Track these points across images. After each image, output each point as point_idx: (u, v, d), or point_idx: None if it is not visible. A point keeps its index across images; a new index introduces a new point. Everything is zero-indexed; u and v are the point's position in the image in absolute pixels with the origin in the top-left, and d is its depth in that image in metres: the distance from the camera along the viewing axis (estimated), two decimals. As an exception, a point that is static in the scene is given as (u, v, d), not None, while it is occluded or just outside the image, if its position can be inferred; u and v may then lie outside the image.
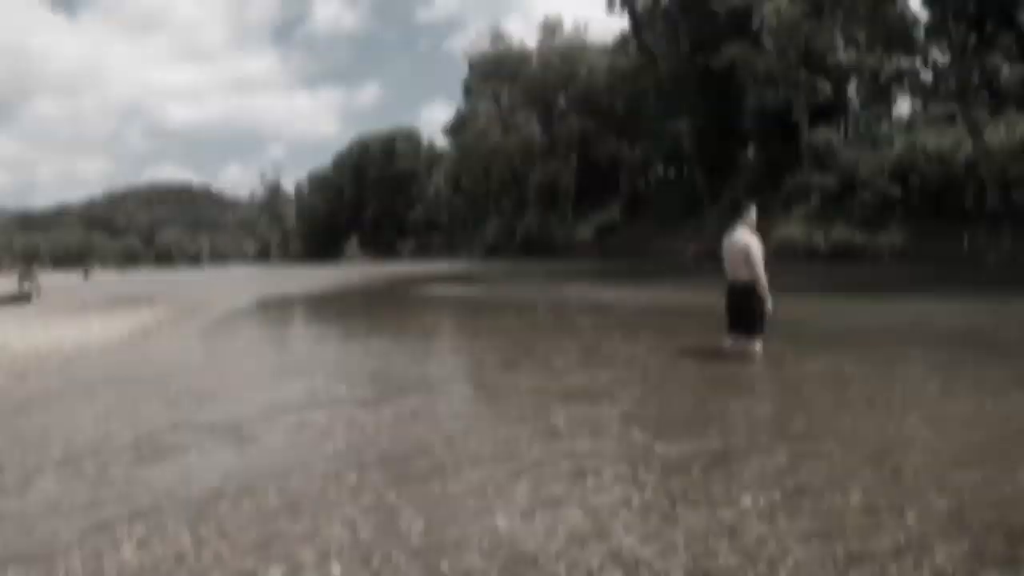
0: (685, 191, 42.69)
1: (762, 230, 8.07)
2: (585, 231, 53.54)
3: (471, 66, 74.43)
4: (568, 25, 68.36)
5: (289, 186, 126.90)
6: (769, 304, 7.50)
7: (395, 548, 3.22)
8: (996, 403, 5.53)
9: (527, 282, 27.91)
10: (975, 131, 28.36)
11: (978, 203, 28.87)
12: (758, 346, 7.57)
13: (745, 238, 7.48)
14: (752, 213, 7.73)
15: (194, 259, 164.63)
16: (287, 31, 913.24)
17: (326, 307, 20.92)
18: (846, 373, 6.90)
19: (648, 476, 4.03)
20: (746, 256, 7.41)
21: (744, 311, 7.58)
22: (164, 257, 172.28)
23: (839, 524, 3.31)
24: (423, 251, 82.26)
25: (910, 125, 33.81)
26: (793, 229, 33.69)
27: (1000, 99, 30.78)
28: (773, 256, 8.82)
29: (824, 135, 34.18)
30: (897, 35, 31.33)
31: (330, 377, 7.72)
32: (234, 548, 3.28)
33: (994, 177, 28.02)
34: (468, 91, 76.45)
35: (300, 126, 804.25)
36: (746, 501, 3.61)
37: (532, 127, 66.17)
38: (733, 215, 7.99)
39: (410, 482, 4.07)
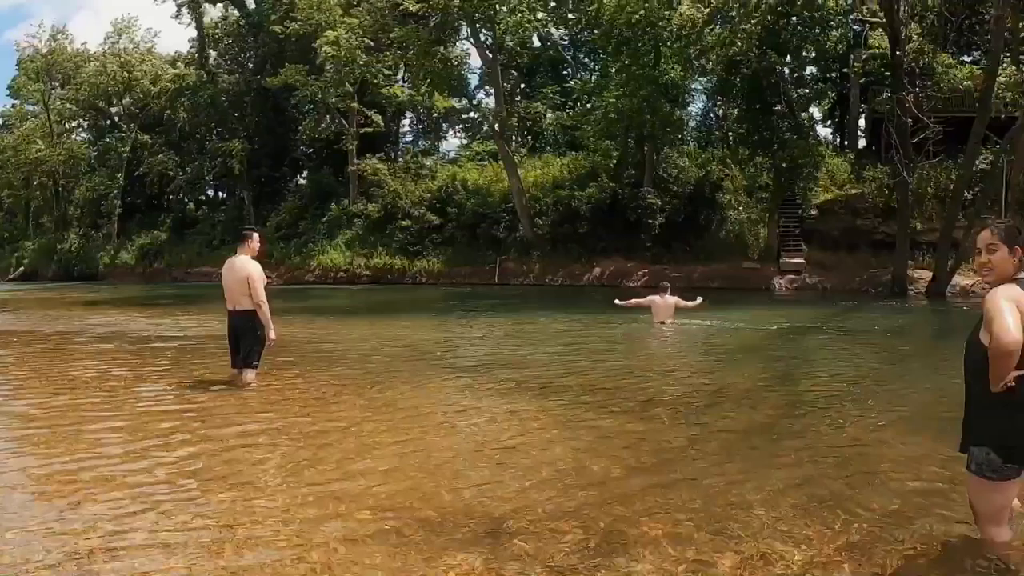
0: (233, 215, 39.78)
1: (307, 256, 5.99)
2: (129, 254, 47.12)
3: (20, 63, 62.80)
4: (141, 31, 61.30)
5: None
6: (272, 333, 7.29)
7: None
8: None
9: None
10: (512, 167, 30.30)
11: (509, 231, 30.78)
12: (252, 375, 7.36)
13: (247, 266, 7.18)
14: (255, 240, 7.45)
15: None
16: None
17: None
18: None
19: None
20: (247, 284, 7.11)
21: (245, 341, 7.31)
22: None
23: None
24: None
25: (454, 160, 35.38)
26: (336, 255, 33.13)
27: (539, 141, 34.04)
28: (317, 281, 9.98)
29: (372, 165, 34.14)
30: (448, 77, 32.72)
31: None
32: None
33: (525, 209, 30.10)
34: (14, 91, 64.30)
35: None
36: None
37: (80, 137, 57.38)
38: (237, 241, 7.74)
39: None
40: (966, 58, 29.60)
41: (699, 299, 13.80)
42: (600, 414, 6.45)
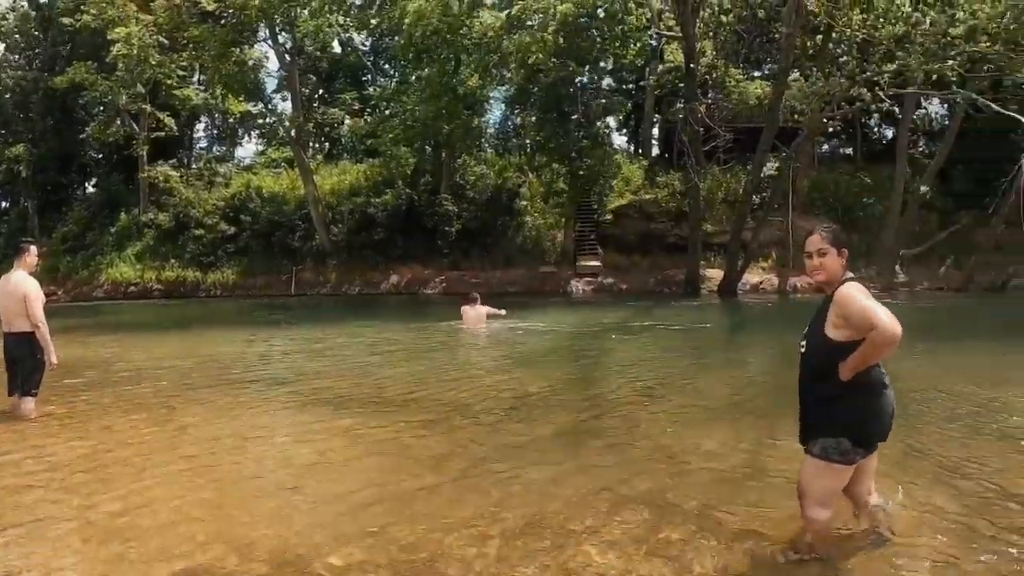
0: (16, 226, 36.08)
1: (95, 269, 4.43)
2: None
3: None
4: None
5: None
6: (53, 357, 6.58)
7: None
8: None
9: None
10: (307, 175, 28.81)
11: (305, 240, 29.21)
12: (31, 404, 6.61)
13: (24, 283, 6.48)
14: (32, 253, 6.72)
15: None
16: None
17: None
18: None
19: None
20: (24, 303, 6.39)
21: (23, 366, 6.57)
22: None
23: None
24: None
25: (250, 167, 33.46)
26: (126, 268, 30.45)
27: (337, 147, 32.67)
28: (107, 296, 8.69)
29: (164, 172, 31.71)
30: (244, 80, 30.92)
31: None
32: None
33: (321, 217, 28.63)
34: None
35: None
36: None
37: None
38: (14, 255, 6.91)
39: None
40: (756, 73, 30.66)
41: (503, 311, 14.40)
42: (403, 427, 6.16)
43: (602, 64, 28.89)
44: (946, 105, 32.13)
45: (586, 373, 9.82)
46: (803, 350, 3.41)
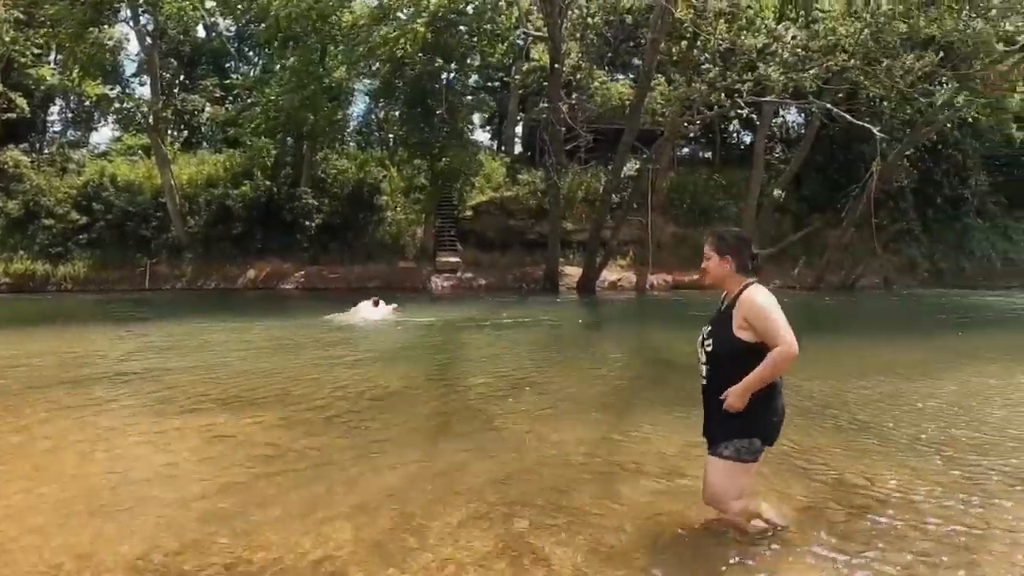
0: None
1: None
2: None
3: None
4: None
5: None
6: None
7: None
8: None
9: None
10: (164, 163, 27.81)
11: (160, 232, 28.18)
12: None
13: None
14: None
15: None
16: None
17: None
18: None
19: None
20: None
21: None
22: None
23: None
24: None
25: (104, 153, 32.06)
26: None
27: (196, 136, 31.69)
28: None
29: (14, 156, 30.04)
30: (101, 61, 29.60)
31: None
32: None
33: (177, 208, 27.69)
34: None
35: None
36: None
37: None
38: None
39: None
40: (620, 76, 31.22)
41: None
42: (259, 427, 6.05)
43: (469, 61, 28.91)
44: (803, 114, 33.51)
45: (446, 369, 9.95)
46: (708, 350, 3.51)
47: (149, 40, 29.67)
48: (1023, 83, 30.36)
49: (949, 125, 29.97)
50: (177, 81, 32.40)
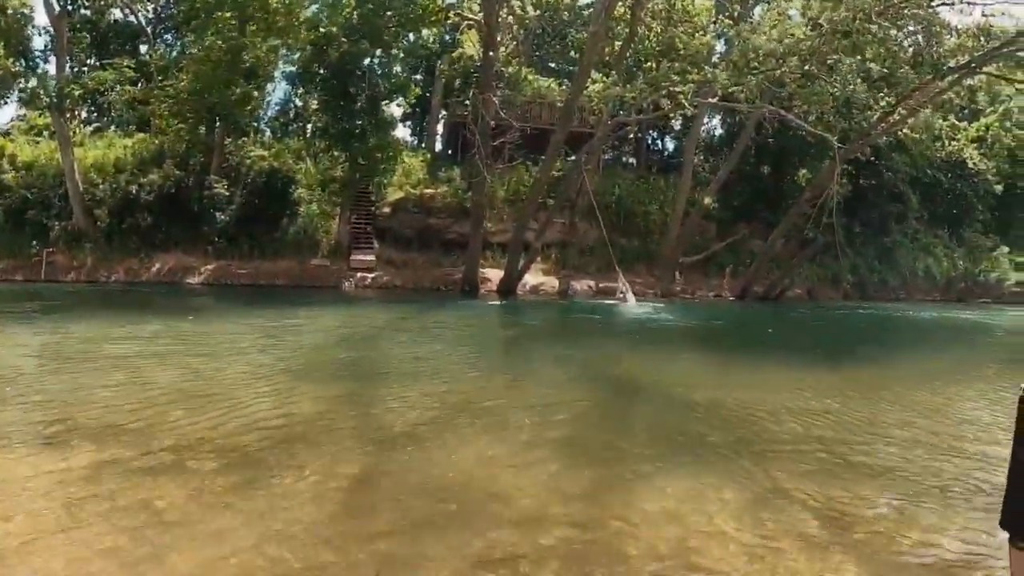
0: None
1: None
2: None
3: None
4: None
5: None
6: None
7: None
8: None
9: None
10: (66, 145, 26.32)
11: (60, 219, 26.66)
12: None
13: None
14: None
15: None
16: None
17: None
18: None
19: None
20: None
21: None
22: None
23: None
24: None
25: (6, 132, 30.35)
26: None
27: (106, 118, 30.33)
28: None
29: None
30: (6, 35, 27.95)
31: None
32: None
33: (79, 194, 26.24)
34: None
35: None
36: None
37: None
38: None
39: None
40: (547, 78, 30.76)
41: None
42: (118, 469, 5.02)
43: (395, 51, 28.04)
44: (728, 124, 33.50)
45: (363, 387, 8.92)
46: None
47: (57, 8, 28.05)
48: (949, 105, 30.87)
49: (882, 141, 30.25)
50: (88, 59, 30.81)
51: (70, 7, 28.93)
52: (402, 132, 35.71)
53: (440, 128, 34.09)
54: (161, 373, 8.80)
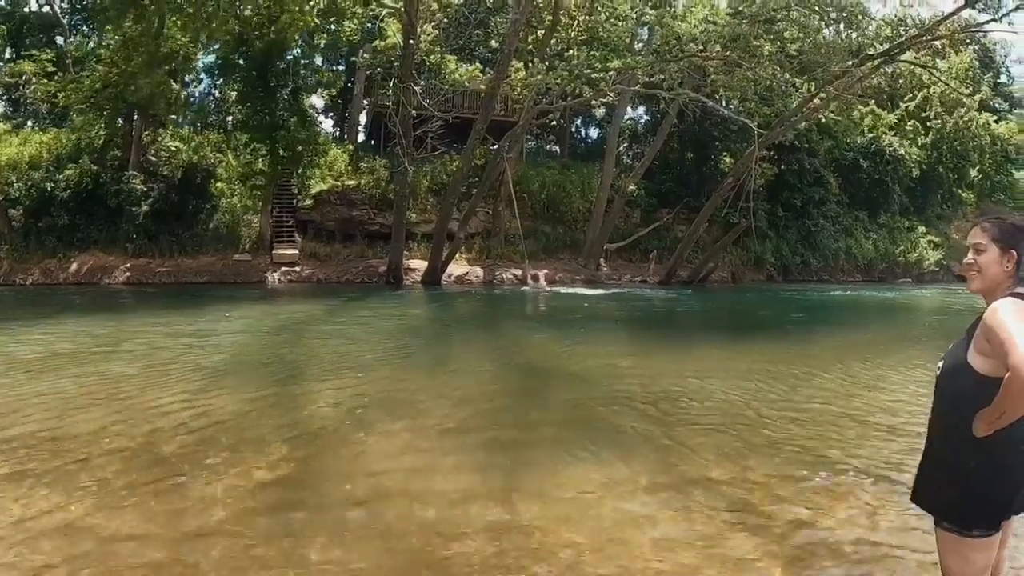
0: None
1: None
2: None
3: None
4: None
5: None
6: None
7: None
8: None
9: None
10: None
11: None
12: None
13: None
14: None
15: None
16: None
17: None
18: None
19: None
20: None
21: None
22: None
23: None
24: None
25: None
26: None
27: (21, 113, 29.77)
28: None
29: None
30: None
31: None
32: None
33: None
34: None
35: None
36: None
37: None
38: None
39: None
40: (468, 67, 30.91)
41: None
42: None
43: (317, 41, 27.92)
44: (654, 111, 34.04)
45: (285, 384, 8.60)
46: (937, 372, 2.62)
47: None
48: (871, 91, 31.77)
49: (803, 126, 31.03)
50: (4, 55, 30.13)
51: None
52: (324, 123, 35.73)
53: (363, 119, 34.02)
54: (75, 378, 8.50)
